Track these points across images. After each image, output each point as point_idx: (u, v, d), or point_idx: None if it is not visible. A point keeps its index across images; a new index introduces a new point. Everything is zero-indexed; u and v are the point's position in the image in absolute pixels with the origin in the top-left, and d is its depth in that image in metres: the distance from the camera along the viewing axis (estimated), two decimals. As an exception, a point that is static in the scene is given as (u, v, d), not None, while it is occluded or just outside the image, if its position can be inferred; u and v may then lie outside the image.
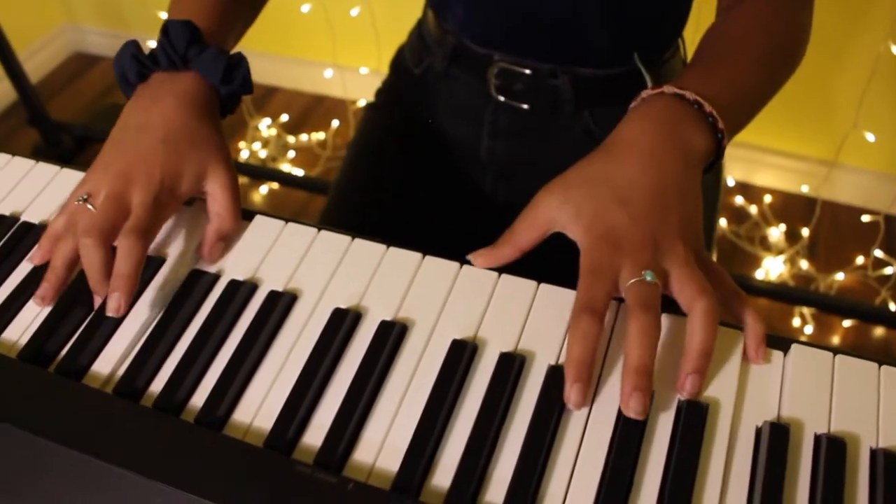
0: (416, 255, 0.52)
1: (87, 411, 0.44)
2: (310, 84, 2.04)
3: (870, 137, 1.37)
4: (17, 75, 1.77)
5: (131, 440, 0.42)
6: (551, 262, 0.53)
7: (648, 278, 0.45)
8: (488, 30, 0.73)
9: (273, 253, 0.53)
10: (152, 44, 0.59)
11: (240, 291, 0.50)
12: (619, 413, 0.43)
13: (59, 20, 2.29)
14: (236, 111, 0.63)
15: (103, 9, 2.20)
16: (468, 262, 0.51)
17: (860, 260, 1.54)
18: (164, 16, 1.97)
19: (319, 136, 1.94)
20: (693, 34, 0.73)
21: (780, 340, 0.47)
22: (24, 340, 0.50)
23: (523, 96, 0.74)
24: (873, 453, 0.42)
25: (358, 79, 1.88)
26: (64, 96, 2.21)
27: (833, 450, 0.41)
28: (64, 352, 0.49)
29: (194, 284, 0.51)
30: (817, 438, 0.43)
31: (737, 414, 0.44)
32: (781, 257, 1.57)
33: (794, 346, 0.46)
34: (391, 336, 0.47)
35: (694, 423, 0.43)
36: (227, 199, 0.54)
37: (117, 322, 0.50)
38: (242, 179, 1.80)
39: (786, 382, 0.45)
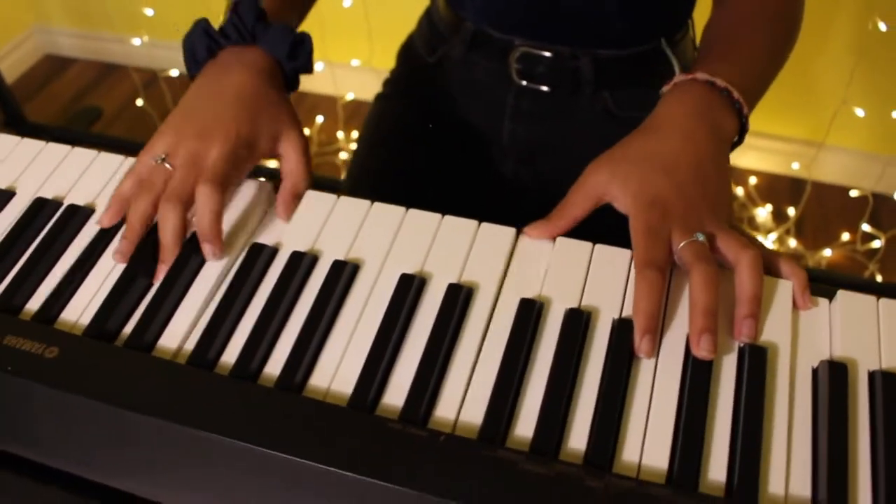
0: (472, 223, 0.53)
1: (168, 381, 0.44)
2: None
3: (859, 112, 1.42)
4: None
5: (217, 406, 0.43)
6: (595, 234, 0.55)
7: (700, 238, 0.48)
8: (508, 15, 0.74)
9: (329, 225, 0.54)
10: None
11: (302, 262, 0.51)
12: (686, 364, 0.45)
13: (29, 22, 2.24)
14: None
15: (74, 9, 2.16)
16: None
17: (846, 236, 1.59)
18: (149, 12, 1.93)
19: (304, 132, 1.93)
20: (701, 16, 0.76)
21: (824, 289, 0.50)
22: (84, 320, 0.50)
23: (545, 79, 0.75)
24: None
25: (348, 73, 1.88)
26: (38, 99, 2.17)
27: (888, 385, 0.44)
28: (130, 328, 0.49)
29: (256, 257, 0.51)
30: (871, 375, 0.45)
31: (793, 356, 0.46)
32: (772, 236, 1.62)
33: (839, 292, 0.49)
34: (459, 299, 0.48)
35: (757, 365, 0.45)
36: (300, 158, 0.56)
37: (179, 297, 0.50)
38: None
39: (834, 326, 0.48)
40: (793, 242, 1.62)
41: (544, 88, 0.76)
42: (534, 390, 0.44)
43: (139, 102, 1.92)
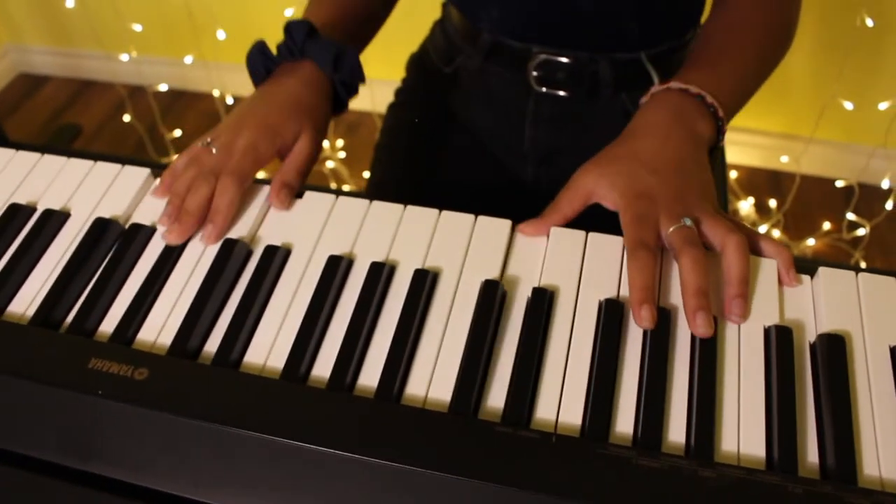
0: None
1: (262, 396, 0.44)
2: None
3: (848, 106, 1.47)
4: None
5: (319, 419, 0.43)
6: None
7: (687, 223, 0.51)
8: (526, 26, 0.75)
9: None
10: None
11: (383, 272, 0.51)
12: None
13: (2, 40, 2.19)
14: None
15: (49, 27, 2.12)
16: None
17: (827, 226, 1.64)
18: (138, 28, 1.90)
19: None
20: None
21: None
22: (161, 339, 0.49)
23: (564, 84, 0.76)
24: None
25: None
26: (14, 118, 2.12)
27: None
28: (212, 345, 0.49)
29: (334, 268, 0.52)
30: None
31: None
32: (763, 228, 1.66)
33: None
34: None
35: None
36: (300, 158, 0.61)
37: (259, 313, 0.50)
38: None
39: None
40: (776, 233, 1.66)
41: (563, 93, 0.77)
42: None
43: (126, 118, 1.89)
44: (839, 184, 1.67)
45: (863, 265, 1.59)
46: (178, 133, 1.92)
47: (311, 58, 0.64)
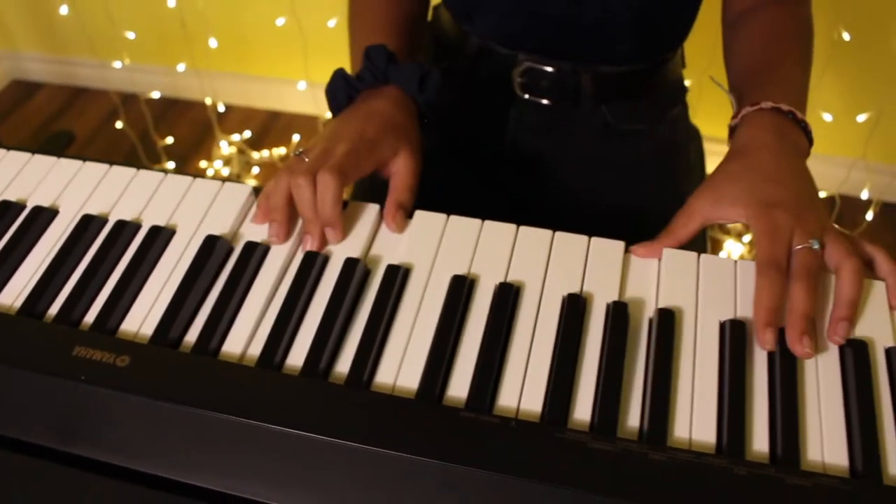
0: (511, 227, 0.56)
1: (239, 382, 0.46)
2: (274, 101, 2.05)
3: (827, 118, 1.50)
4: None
5: (293, 405, 0.45)
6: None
7: (815, 246, 0.53)
8: (516, 33, 0.77)
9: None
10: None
11: (357, 270, 0.53)
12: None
13: (-4, 47, 2.22)
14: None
15: (42, 34, 2.14)
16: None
17: (853, 241, 1.67)
18: (131, 36, 1.93)
19: (280, 150, 1.95)
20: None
21: None
22: (144, 329, 0.51)
23: (547, 93, 0.78)
24: None
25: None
26: (7, 125, 2.14)
27: None
28: (192, 335, 0.51)
29: (310, 264, 0.54)
30: None
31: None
32: (746, 238, 1.69)
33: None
34: (510, 297, 0.51)
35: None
36: (407, 176, 0.61)
37: (239, 304, 0.52)
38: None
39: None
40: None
41: (546, 102, 0.79)
42: (587, 381, 0.48)
43: (119, 125, 1.92)
44: (821, 195, 1.70)
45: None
46: (170, 140, 1.94)
47: (396, 82, 0.66)
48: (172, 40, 1.77)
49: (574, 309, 0.51)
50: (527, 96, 0.79)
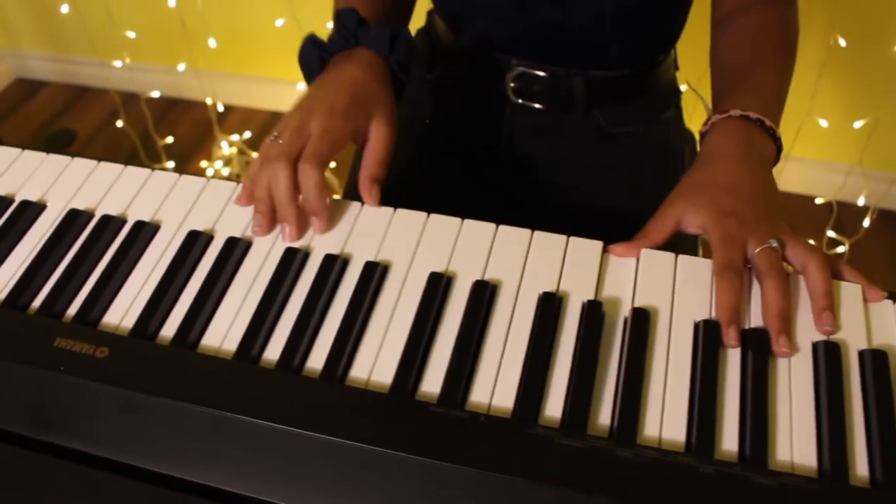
0: (491, 226, 0.57)
1: (216, 375, 0.47)
2: (274, 102, 2.06)
3: (823, 123, 1.50)
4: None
5: (266, 397, 0.46)
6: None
7: (774, 244, 0.54)
8: (509, 39, 0.77)
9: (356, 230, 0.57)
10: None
11: (335, 265, 0.54)
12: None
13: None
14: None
15: (45, 33, 2.16)
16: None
17: (811, 243, 1.67)
18: (132, 35, 1.94)
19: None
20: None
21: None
22: (125, 322, 0.52)
23: (539, 97, 0.79)
24: None
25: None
26: (10, 123, 2.15)
27: None
28: (171, 328, 0.51)
29: (291, 259, 0.55)
30: None
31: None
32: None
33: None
34: (485, 294, 0.52)
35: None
36: (379, 144, 0.61)
37: (219, 298, 0.53)
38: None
39: None
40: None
41: (539, 106, 0.80)
42: (558, 381, 0.48)
43: (119, 124, 1.93)
44: (818, 201, 1.70)
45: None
46: (170, 140, 1.95)
47: (366, 43, 0.66)
48: (173, 40, 1.78)
49: (549, 307, 0.51)
50: (520, 101, 0.80)
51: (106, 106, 2.11)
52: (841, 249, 1.65)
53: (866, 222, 1.63)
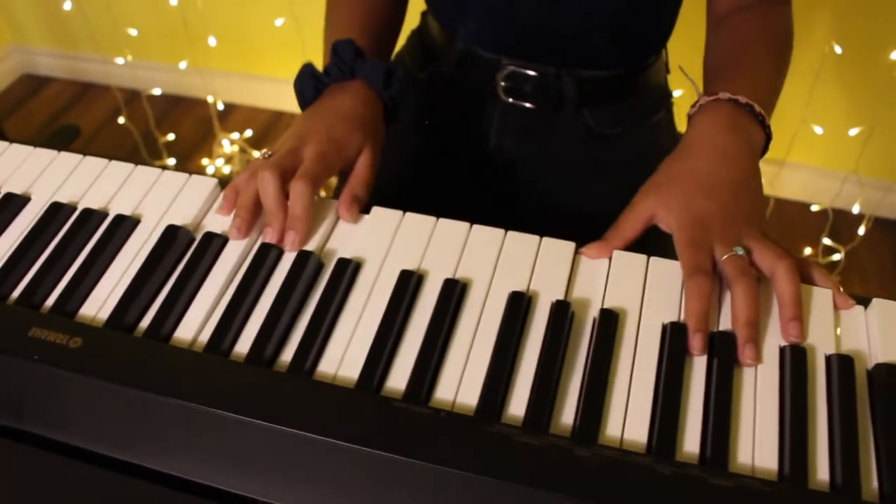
0: (465, 225, 0.58)
1: (186, 367, 0.48)
2: (276, 101, 2.07)
3: (818, 130, 1.50)
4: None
5: (233, 390, 0.46)
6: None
7: (740, 252, 0.53)
8: (500, 40, 0.78)
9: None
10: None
11: (309, 262, 0.55)
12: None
13: (7, 41, 2.25)
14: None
15: (52, 29, 2.18)
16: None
17: (808, 251, 1.67)
18: (134, 32, 1.95)
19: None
20: (674, 45, 0.82)
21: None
22: (102, 314, 0.53)
23: (529, 96, 0.80)
24: None
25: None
26: (15, 118, 2.17)
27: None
28: (146, 321, 0.52)
29: (265, 256, 0.55)
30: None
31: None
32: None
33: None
34: (454, 292, 0.52)
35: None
36: (365, 170, 0.63)
37: (194, 291, 0.54)
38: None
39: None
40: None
41: (529, 105, 0.81)
42: (524, 376, 0.49)
43: (121, 120, 1.95)
44: (814, 208, 1.70)
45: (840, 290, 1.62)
46: (171, 137, 1.97)
47: (362, 77, 0.67)
48: (174, 38, 1.80)
49: (517, 306, 0.52)
50: (510, 100, 0.80)
51: (110, 103, 2.13)
52: (837, 257, 1.65)
53: (861, 230, 1.63)
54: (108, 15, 1.73)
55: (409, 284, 0.53)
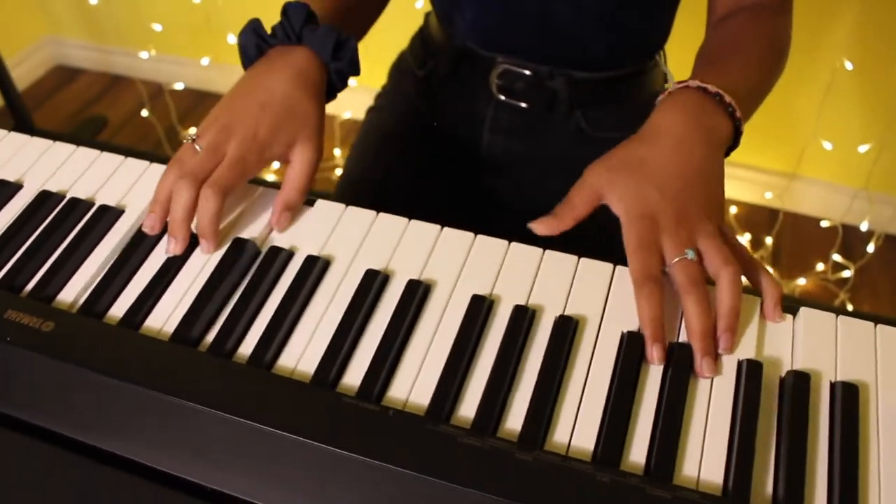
0: (436, 227, 0.58)
1: (152, 355, 0.50)
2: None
3: (827, 146, 1.49)
4: (3, 82, 1.79)
5: (193, 379, 0.48)
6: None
7: (690, 256, 0.53)
8: (495, 35, 0.79)
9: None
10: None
11: (279, 257, 0.56)
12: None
13: (42, 32, 2.31)
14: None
15: (87, 21, 2.23)
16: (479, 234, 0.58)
17: (820, 266, 1.65)
18: (158, 28, 1.99)
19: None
20: (672, 51, 0.82)
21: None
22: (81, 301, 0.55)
23: (523, 96, 0.81)
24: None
25: (346, 93, 1.94)
26: (46, 108, 2.23)
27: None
28: (121, 309, 0.54)
29: (237, 251, 0.57)
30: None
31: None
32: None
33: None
34: (417, 293, 0.53)
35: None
36: (300, 172, 0.60)
37: (167, 283, 0.55)
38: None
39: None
40: (769, 270, 1.68)
41: (522, 104, 0.81)
42: (479, 375, 0.50)
43: (144, 113, 1.99)
44: (824, 224, 1.68)
45: (849, 307, 1.59)
46: (192, 131, 2.00)
47: (309, 45, 0.63)
48: (198, 34, 1.83)
49: (477, 309, 0.52)
50: (503, 98, 0.81)
51: (137, 96, 2.18)
52: (847, 274, 1.62)
53: (871, 247, 1.60)
54: (132, 9, 1.77)
55: (372, 284, 0.54)
